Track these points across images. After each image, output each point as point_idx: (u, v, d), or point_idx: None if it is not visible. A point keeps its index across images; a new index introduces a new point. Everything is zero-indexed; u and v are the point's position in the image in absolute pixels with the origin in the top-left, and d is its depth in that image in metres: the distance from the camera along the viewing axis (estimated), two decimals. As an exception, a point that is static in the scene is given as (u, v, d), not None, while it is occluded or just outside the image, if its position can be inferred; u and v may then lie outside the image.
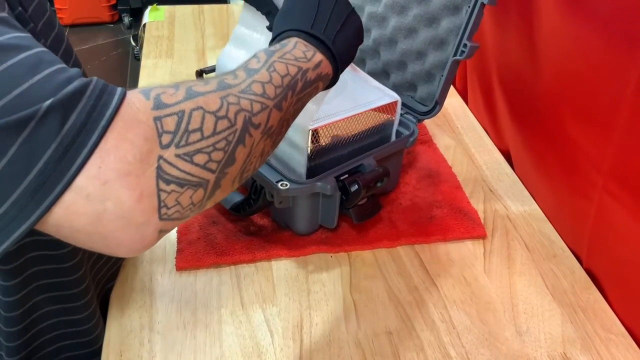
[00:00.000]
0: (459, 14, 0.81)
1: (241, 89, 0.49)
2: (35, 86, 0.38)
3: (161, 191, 0.42)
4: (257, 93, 0.50)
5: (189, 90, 0.46)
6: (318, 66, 0.57)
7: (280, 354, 0.67)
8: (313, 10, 0.60)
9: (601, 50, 0.70)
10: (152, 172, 0.42)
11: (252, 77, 0.51)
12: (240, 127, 0.48)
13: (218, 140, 0.46)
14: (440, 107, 0.85)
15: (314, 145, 0.74)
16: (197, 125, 0.45)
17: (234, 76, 0.50)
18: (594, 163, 0.75)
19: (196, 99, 0.45)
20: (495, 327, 0.71)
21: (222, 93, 0.47)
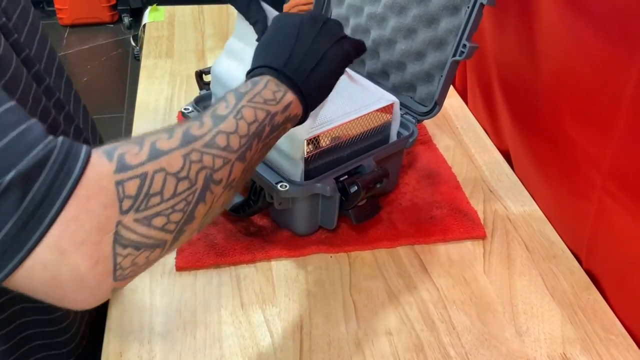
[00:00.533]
0: (458, 14, 0.81)
1: (205, 141, 0.49)
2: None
3: (117, 255, 0.43)
4: (221, 146, 0.50)
5: (152, 148, 0.46)
6: (287, 108, 0.56)
7: (280, 354, 0.67)
8: (289, 46, 0.59)
9: (601, 50, 0.70)
10: (110, 238, 0.42)
11: (218, 127, 0.50)
12: (200, 187, 0.48)
13: (178, 202, 0.46)
14: (439, 107, 0.85)
15: (311, 151, 0.74)
16: (158, 188, 0.45)
17: (200, 124, 0.50)
18: (593, 163, 0.75)
19: (159, 160, 0.45)
20: (495, 328, 0.71)
21: (186, 150, 0.47)
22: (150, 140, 0.46)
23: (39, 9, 3.53)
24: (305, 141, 0.72)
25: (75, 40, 3.34)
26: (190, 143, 0.48)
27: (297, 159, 0.74)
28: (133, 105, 1.11)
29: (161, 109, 1.10)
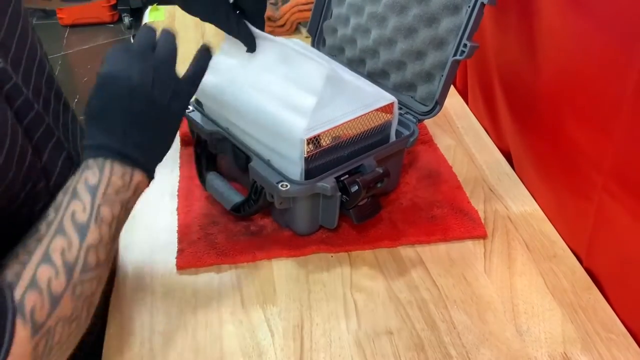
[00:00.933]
0: (459, 14, 0.81)
1: (81, 266, 0.50)
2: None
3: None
4: (93, 265, 0.52)
5: (50, 294, 0.48)
6: (137, 189, 0.57)
7: (280, 353, 0.67)
8: (124, 119, 0.56)
9: (601, 50, 0.70)
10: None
11: (86, 242, 0.51)
12: (85, 317, 0.52)
13: (69, 341, 0.50)
14: (440, 107, 0.85)
15: (312, 151, 0.74)
16: (58, 339, 0.48)
17: (69, 244, 0.50)
18: (594, 163, 0.75)
19: (57, 310, 0.48)
20: (496, 327, 0.71)
21: (72, 287, 0.49)
22: (45, 282, 0.48)
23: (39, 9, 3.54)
24: (306, 141, 0.72)
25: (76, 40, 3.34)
26: (72, 275, 0.50)
27: (298, 158, 0.74)
28: (133, 105, 1.11)
29: (161, 109, 1.10)
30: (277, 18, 1.33)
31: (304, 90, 0.74)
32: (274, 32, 1.34)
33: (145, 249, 0.80)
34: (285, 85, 0.76)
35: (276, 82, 0.76)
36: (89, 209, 0.52)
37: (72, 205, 0.52)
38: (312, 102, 0.72)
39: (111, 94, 0.57)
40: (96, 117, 0.57)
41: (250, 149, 0.79)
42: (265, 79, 0.77)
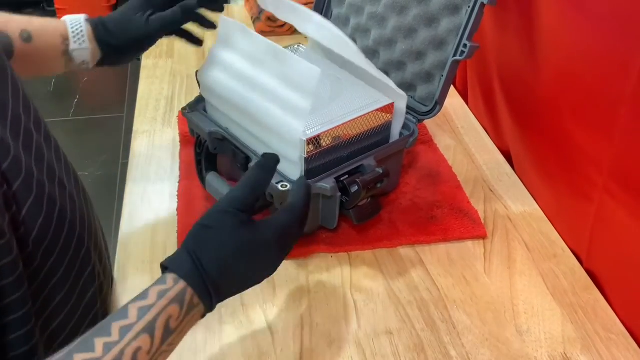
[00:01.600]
0: (459, 14, 0.81)
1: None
2: None
3: None
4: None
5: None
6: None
7: (280, 354, 0.67)
8: (239, 275, 0.56)
9: (601, 50, 0.70)
10: None
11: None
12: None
13: None
14: (440, 107, 0.85)
15: (312, 151, 0.74)
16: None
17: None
18: (594, 163, 0.75)
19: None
20: (496, 327, 0.71)
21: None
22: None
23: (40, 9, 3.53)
24: (306, 141, 0.72)
25: (76, 41, 3.34)
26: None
27: (298, 159, 0.74)
28: (133, 105, 1.11)
29: (161, 109, 1.10)
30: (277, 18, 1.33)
31: (298, 92, 0.72)
32: (274, 32, 1.34)
33: (146, 249, 0.80)
34: (280, 86, 0.75)
35: (270, 81, 0.75)
36: (153, 353, 0.49)
37: (141, 341, 0.48)
38: (307, 105, 0.71)
39: (248, 251, 0.56)
40: (224, 256, 0.55)
41: (250, 149, 0.79)
42: (260, 78, 0.77)
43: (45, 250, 0.59)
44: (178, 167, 0.94)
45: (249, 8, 1.44)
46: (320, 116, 0.75)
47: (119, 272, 0.77)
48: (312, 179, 0.74)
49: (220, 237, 0.55)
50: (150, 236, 0.82)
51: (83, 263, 0.66)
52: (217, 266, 0.54)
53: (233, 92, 0.79)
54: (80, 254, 0.65)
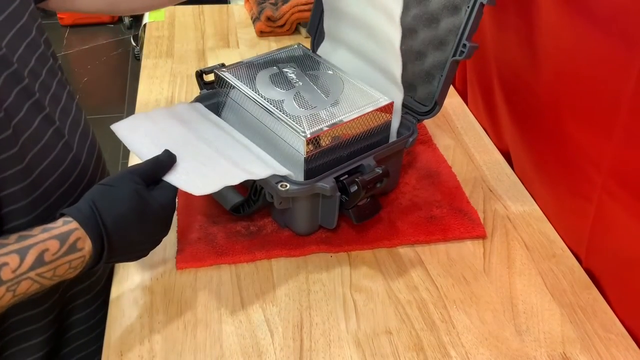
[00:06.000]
0: (458, 14, 0.81)
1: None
2: None
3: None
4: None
5: None
6: (65, 278, 0.57)
7: (280, 353, 0.67)
8: (132, 229, 0.60)
9: (601, 50, 0.70)
10: None
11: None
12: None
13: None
14: (439, 107, 0.85)
15: (312, 151, 0.74)
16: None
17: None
18: (593, 162, 0.75)
19: None
20: (495, 327, 0.71)
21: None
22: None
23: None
24: (306, 141, 0.72)
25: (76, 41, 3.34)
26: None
27: (298, 158, 0.74)
28: (133, 105, 1.11)
29: (161, 109, 1.10)
30: (277, 18, 1.33)
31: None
32: (274, 32, 1.34)
33: (145, 249, 0.80)
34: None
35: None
36: (17, 274, 0.52)
37: (9, 258, 0.52)
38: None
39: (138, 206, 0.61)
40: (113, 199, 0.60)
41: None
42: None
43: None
44: (178, 167, 0.94)
45: (249, 8, 1.44)
46: (320, 116, 0.75)
47: (119, 272, 0.77)
48: (311, 179, 0.74)
49: (120, 195, 0.60)
50: (150, 236, 0.82)
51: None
52: (113, 218, 0.58)
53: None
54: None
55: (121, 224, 0.59)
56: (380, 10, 0.78)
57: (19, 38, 0.66)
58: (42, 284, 0.54)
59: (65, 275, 0.56)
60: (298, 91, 0.81)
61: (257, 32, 1.35)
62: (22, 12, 0.67)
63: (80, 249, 0.56)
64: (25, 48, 0.66)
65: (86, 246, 0.56)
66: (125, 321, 0.70)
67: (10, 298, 0.53)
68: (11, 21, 0.65)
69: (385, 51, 0.80)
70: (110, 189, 0.60)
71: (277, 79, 0.83)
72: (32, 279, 0.53)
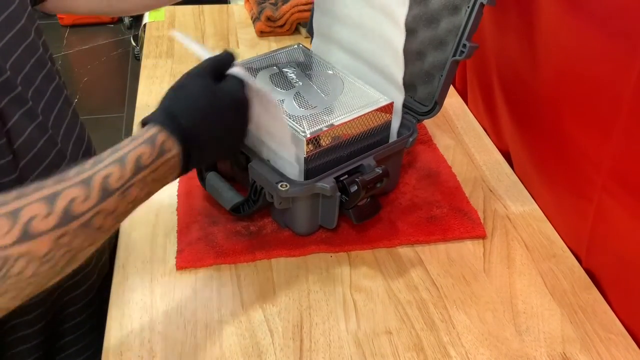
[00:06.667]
0: (458, 14, 0.81)
1: (83, 222, 0.49)
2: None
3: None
4: (96, 227, 0.50)
5: (25, 229, 0.45)
6: (167, 183, 0.58)
7: (280, 353, 0.67)
8: (209, 123, 0.61)
9: (601, 50, 0.70)
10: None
11: (101, 205, 0.50)
12: (61, 266, 0.49)
13: (34, 281, 0.47)
14: (439, 107, 0.85)
15: (312, 151, 0.74)
16: (18, 271, 0.45)
17: (86, 196, 0.49)
18: (593, 163, 0.75)
19: (27, 244, 0.45)
20: (495, 327, 0.71)
21: (60, 232, 0.47)
22: (26, 217, 0.46)
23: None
24: (306, 141, 0.72)
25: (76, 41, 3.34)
26: (67, 224, 0.48)
27: (297, 158, 0.74)
28: (133, 105, 1.11)
29: (161, 109, 1.10)
30: (277, 18, 1.33)
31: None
32: (274, 32, 1.34)
33: (145, 249, 0.80)
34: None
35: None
36: (124, 182, 0.52)
37: (112, 168, 0.52)
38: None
39: (217, 99, 0.62)
40: (190, 102, 0.61)
41: (250, 149, 0.79)
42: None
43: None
44: (178, 167, 0.94)
45: (249, 8, 1.44)
46: (320, 116, 0.75)
47: (119, 272, 0.77)
48: (311, 179, 0.74)
49: (190, 93, 0.61)
50: (150, 236, 0.82)
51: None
52: (189, 114, 0.59)
53: None
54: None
55: (197, 118, 0.59)
56: (379, 12, 0.78)
57: (16, 41, 0.65)
58: (149, 189, 0.56)
59: (167, 176, 0.57)
60: (298, 91, 0.81)
61: (257, 32, 1.35)
62: (20, 14, 0.67)
63: (169, 150, 0.57)
64: (23, 52, 0.66)
65: (174, 146, 0.57)
66: (125, 321, 0.70)
67: (126, 206, 0.54)
68: (9, 24, 0.65)
69: (384, 52, 0.80)
70: (180, 90, 0.62)
71: (277, 79, 0.84)
72: (138, 184, 0.54)
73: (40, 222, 0.46)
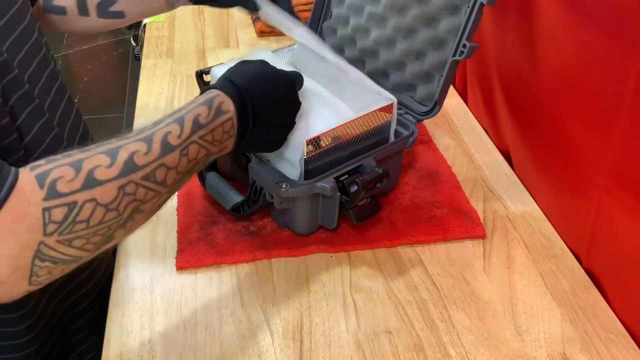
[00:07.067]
0: (458, 14, 0.81)
1: (145, 174, 0.50)
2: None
3: (35, 266, 0.46)
4: (158, 181, 0.52)
5: (89, 177, 0.47)
6: (223, 150, 0.60)
7: (280, 353, 0.67)
8: (273, 99, 0.64)
9: (601, 50, 0.70)
10: (31, 254, 0.45)
11: (162, 160, 0.52)
12: (126, 216, 0.50)
13: (101, 229, 0.48)
14: (439, 107, 0.85)
15: (312, 152, 0.74)
16: (86, 217, 0.47)
17: (147, 150, 0.51)
18: (594, 163, 0.75)
19: (92, 190, 0.47)
20: (495, 327, 0.71)
21: (123, 181, 0.49)
22: (89, 166, 0.48)
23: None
24: (306, 142, 0.72)
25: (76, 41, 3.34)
26: (129, 174, 0.49)
27: (298, 159, 0.74)
28: (133, 105, 1.11)
29: (161, 109, 1.10)
30: (276, 18, 1.33)
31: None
32: (274, 32, 1.34)
33: (145, 249, 0.80)
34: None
35: None
36: (183, 139, 0.54)
37: (171, 127, 0.54)
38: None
39: (278, 80, 0.67)
40: (255, 74, 0.65)
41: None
42: None
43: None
44: (178, 167, 0.94)
45: (249, 8, 1.44)
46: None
47: (119, 272, 0.77)
48: (311, 179, 0.74)
49: (250, 66, 0.66)
50: (150, 236, 0.82)
51: None
52: (247, 80, 0.62)
53: None
54: None
55: (254, 83, 0.62)
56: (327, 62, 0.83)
57: (22, 40, 0.66)
58: (208, 150, 0.57)
59: (224, 140, 0.59)
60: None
61: (257, 32, 1.35)
62: (24, 12, 0.67)
63: (226, 112, 0.59)
64: (28, 50, 0.66)
65: (230, 108, 0.59)
66: (125, 321, 0.70)
67: (187, 165, 0.55)
68: (15, 22, 0.65)
69: (352, 84, 0.83)
70: (242, 64, 0.66)
71: (277, 79, 0.83)
72: (197, 142, 0.55)
73: (103, 170, 0.48)
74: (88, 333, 0.81)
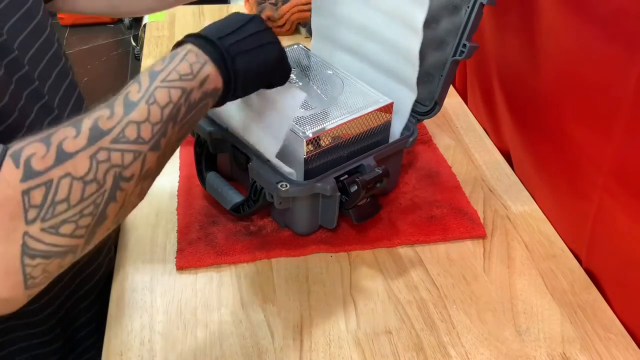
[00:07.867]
0: (458, 14, 0.81)
1: (113, 136, 0.48)
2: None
3: (26, 266, 0.43)
4: (131, 139, 0.49)
5: (59, 150, 0.45)
6: (204, 82, 0.55)
7: (280, 353, 0.67)
8: (232, 25, 0.60)
9: (601, 50, 0.70)
10: (17, 249, 0.42)
11: (128, 117, 0.49)
12: (110, 187, 0.47)
13: (86, 206, 0.46)
14: (439, 107, 0.85)
15: (312, 151, 0.74)
16: (64, 195, 0.44)
17: (110, 114, 0.49)
18: (594, 163, 0.75)
19: (65, 164, 0.45)
20: (495, 327, 0.71)
21: (92, 150, 0.46)
22: (58, 139, 0.45)
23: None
24: (306, 141, 0.72)
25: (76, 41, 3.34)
26: (97, 140, 0.47)
27: (298, 159, 0.74)
28: (133, 105, 1.11)
29: (161, 109, 1.10)
30: (277, 18, 1.33)
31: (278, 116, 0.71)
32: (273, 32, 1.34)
33: (145, 249, 0.80)
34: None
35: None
36: (144, 90, 0.51)
37: (130, 87, 0.52)
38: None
39: (234, 16, 0.63)
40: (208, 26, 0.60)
41: (250, 149, 0.79)
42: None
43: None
44: (178, 167, 0.94)
45: (249, 8, 1.44)
46: (320, 116, 0.75)
47: (119, 272, 0.77)
48: (311, 179, 0.74)
49: (224, 19, 0.62)
50: (150, 236, 0.82)
51: None
52: (216, 28, 0.59)
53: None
54: None
55: (222, 29, 0.59)
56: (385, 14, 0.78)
57: (34, 36, 0.65)
58: (181, 87, 0.53)
59: (195, 71, 0.54)
60: (298, 91, 0.81)
61: (257, 32, 1.35)
62: (37, 8, 0.67)
63: (183, 49, 0.55)
64: (40, 46, 0.66)
65: (188, 46, 0.56)
66: (125, 321, 0.70)
67: (161, 110, 0.51)
68: (27, 19, 0.65)
69: (392, 53, 0.80)
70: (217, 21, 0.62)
71: (277, 79, 0.83)
72: (160, 87, 0.52)
73: (71, 142, 0.46)
74: (88, 333, 0.81)
